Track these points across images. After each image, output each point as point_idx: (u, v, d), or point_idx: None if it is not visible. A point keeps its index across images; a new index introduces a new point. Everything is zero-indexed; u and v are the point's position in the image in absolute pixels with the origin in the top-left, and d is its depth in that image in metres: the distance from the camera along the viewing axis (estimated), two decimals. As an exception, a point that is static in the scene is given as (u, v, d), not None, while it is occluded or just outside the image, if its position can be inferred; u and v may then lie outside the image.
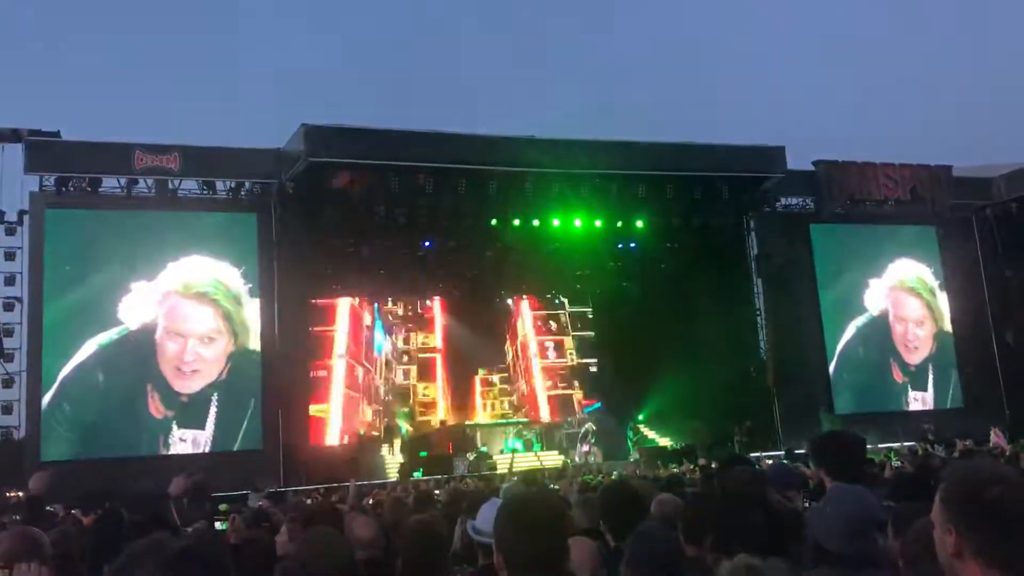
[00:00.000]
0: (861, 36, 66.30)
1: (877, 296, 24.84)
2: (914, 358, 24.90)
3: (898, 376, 24.62)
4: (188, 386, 18.96)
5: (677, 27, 65.67)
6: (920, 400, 24.61)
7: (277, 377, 19.42)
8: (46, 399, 17.99)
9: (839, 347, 24.13)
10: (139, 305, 18.86)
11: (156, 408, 18.65)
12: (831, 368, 23.88)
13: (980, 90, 56.73)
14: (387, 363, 26.12)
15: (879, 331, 24.66)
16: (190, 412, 18.91)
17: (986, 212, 26.16)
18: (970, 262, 25.57)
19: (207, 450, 18.72)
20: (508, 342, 28.12)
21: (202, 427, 18.92)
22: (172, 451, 18.54)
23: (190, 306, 19.20)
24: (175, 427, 18.72)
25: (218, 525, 7.07)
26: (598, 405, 25.96)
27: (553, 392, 27.36)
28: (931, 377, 24.94)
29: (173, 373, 18.88)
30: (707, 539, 3.24)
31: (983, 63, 59.92)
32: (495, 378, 27.13)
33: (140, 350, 18.72)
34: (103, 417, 18.32)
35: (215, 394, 19.13)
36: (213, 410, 19.04)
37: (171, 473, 6.32)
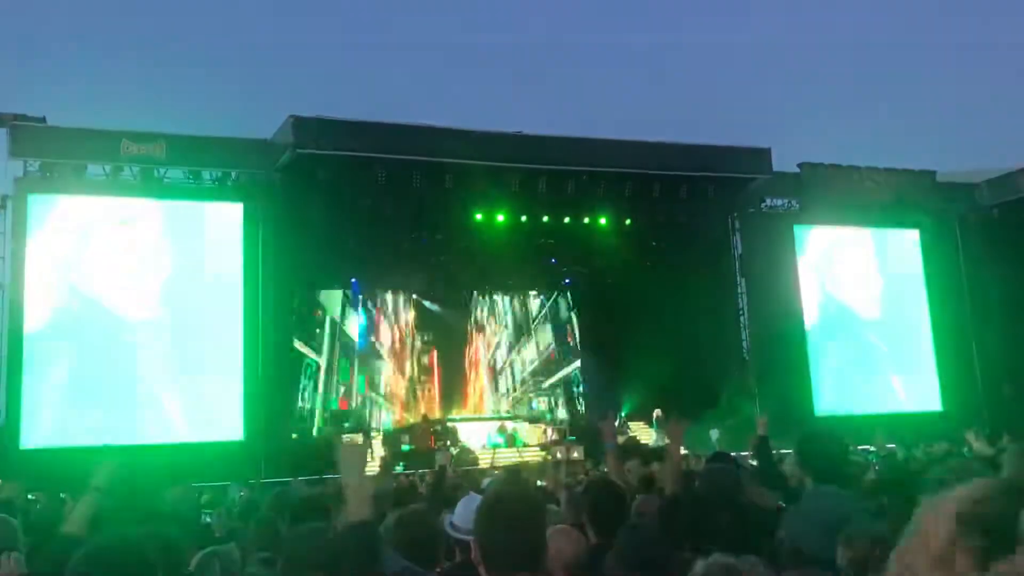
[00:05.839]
0: (849, 38, 66.74)
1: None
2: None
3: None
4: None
5: (671, 27, 65.87)
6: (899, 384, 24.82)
7: (262, 365, 19.40)
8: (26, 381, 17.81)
9: (815, 347, 24.35)
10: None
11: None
12: (812, 368, 24.05)
13: (966, 94, 57.16)
14: (364, 358, 25.55)
15: (851, 324, 24.88)
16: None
17: (969, 218, 26.37)
18: (952, 267, 25.77)
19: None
20: (491, 336, 27.88)
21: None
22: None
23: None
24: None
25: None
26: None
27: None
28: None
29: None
30: (683, 541, 3.30)
31: (969, 67, 60.42)
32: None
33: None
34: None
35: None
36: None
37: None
